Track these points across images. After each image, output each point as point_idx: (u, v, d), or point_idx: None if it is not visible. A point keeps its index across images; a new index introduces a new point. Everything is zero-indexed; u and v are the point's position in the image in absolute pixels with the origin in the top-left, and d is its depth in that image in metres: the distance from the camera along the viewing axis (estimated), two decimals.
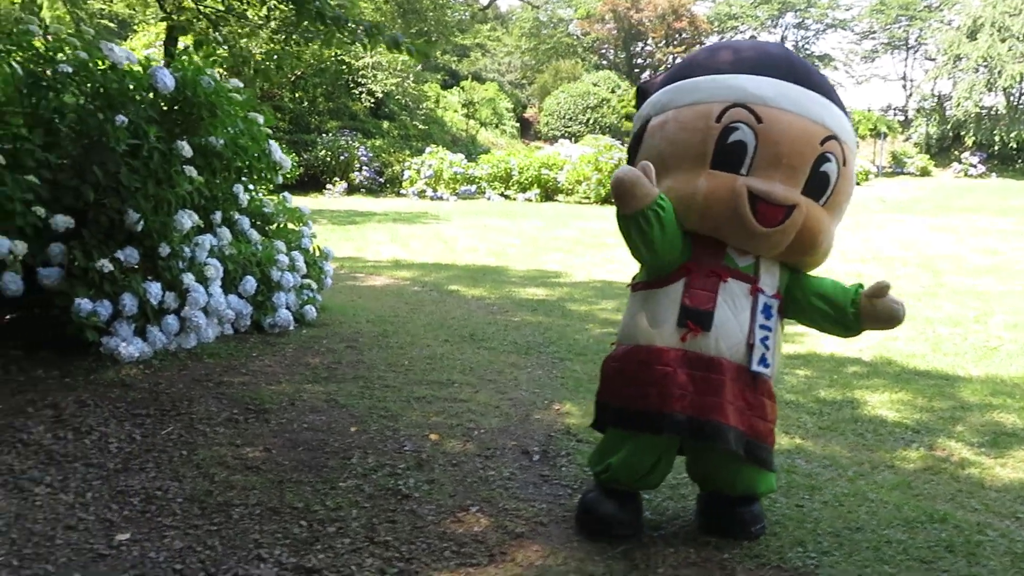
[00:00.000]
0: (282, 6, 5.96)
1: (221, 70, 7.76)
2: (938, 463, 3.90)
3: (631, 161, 3.11)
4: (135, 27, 24.50)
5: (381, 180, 23.96)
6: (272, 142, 6.04)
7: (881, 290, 2.81)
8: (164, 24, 21.68)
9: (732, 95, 2.77)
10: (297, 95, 25.21)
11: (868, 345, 6.27)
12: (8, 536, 2.81)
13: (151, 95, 5.23)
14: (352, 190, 23.26)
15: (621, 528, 2.97)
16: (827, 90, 2.90)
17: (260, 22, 7.63)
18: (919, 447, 4.10)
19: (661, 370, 2.78)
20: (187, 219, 5.11)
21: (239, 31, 7.89)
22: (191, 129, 5.42)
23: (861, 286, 2.91)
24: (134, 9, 24.24)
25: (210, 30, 7.58)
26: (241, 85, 5.82)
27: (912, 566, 2.84)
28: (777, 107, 2.73)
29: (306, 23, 5.52)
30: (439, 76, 37.73)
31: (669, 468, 3.03)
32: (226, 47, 7.26)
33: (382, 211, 18.28)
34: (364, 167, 23.65)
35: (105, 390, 4.32)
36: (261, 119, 5.90)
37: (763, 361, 2.85)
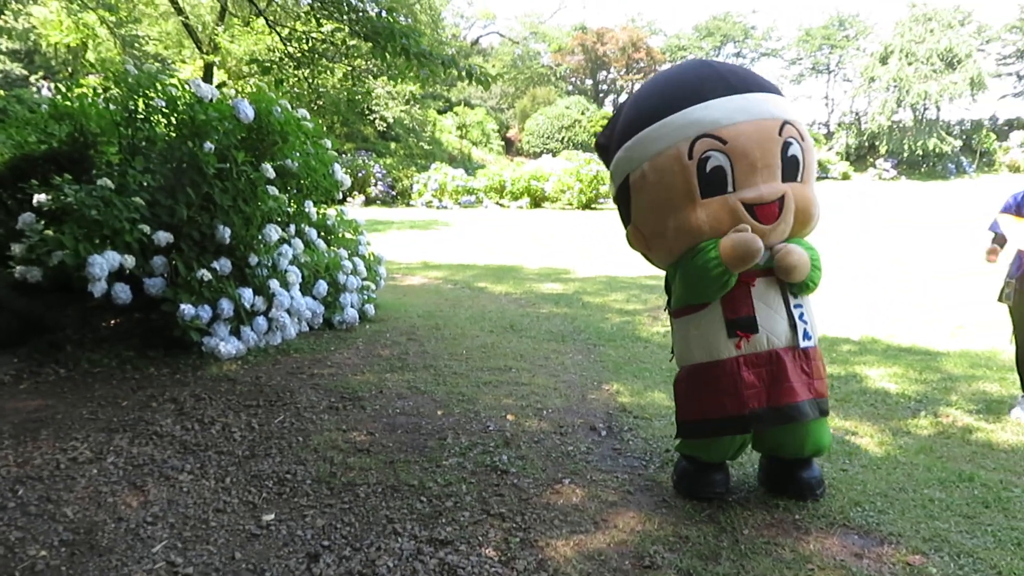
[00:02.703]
0: (362, 43, 5.76)
1: (293, 101, 7.60)
2: (947, 429, 3.83)
3: (626, 214, 2.97)
4: (172, 64, 24.10)
5: (393, 193, 23.73)
6: (335, 164, 5.89)
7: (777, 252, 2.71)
8: (200, 63, 21.43)
9: (691, 131, 2.65)
10: (319, 122, 24.90)
11: (852, 325, 6.21)
12: (167, 520, 2.67)
13: (231, 124, 5.06)
14: (369, 202, 23.02)
15: (716, 487, 2.91)
16: (761, 84, 2.79)
17: (339, 60, 7.44)
18: (926, 415, 4.03)
19: (729, 379, 2.71)
20: (274, 232, 4.97)
21: (317, 68, 7.70)
22: (266, 153, 5.26)
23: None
24: (168, 48, 23.92)
25: (292, 68, 7.39)
26: (308, 115, 5.67)
27: (959, 521, 2.77)
28: (732, 123, 2.63)
29: (387, 58, 5.31)
30: (437, 103, 37.47)
31: (748, 443, 2.95)
32: (305, 83, 7.11)
33: (399, 220, 18.05)
34: (379, 182, 23.42)
35: (214, 384, 4.17)
36: (329, 144, 5.76)
37: (806, 335, 2.79)
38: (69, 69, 24.06)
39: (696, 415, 2.83)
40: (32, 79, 29.79)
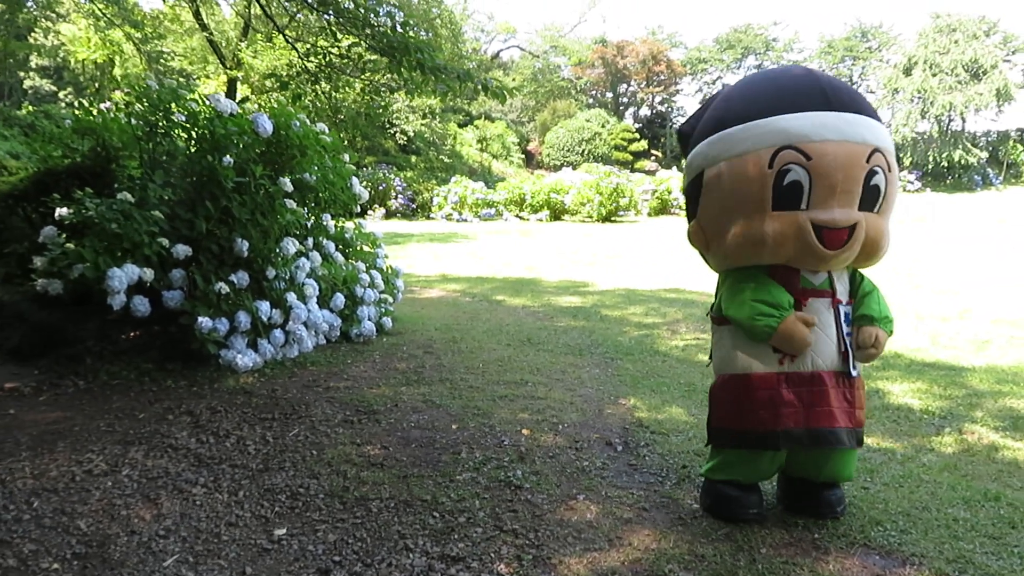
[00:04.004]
0: (381, 58, 5.81)
1: (311, 115, 7.71)
2: (972, 446, 3.74)
3: (693, 209, 2.89)
4: (196, 79, 24.48)
5: (413, 206, 23.86)
6: (354, 177, 5.92)
7: (865, 341, 2.71)
8: (224, 78, 21.72)
9: (778, 139, 2.55)
10: (341, 135, 25.15)
11: None
12: (179, 534, 2.67)
13: (250, 138, 5.10)
14: (389, 215, 23.16)
15: (752, 507, 2.82)
16: (861, 106, 2.66)
17: (357, 74, 7.51)
18: (950, 432, 3.94)
19: (768, 393, 2.66)
20: (292, 245, 5.00)
21: (337, 83, 7.78)
22: (285, 167, 5.30)
23: (872, 320, 2.74)
24: (193, 64, 24.29)
25: (310, 83, 7.46)
26: (327, 129, 5.71)
27: (984, 542, 2.70)
28: (821, 140, 2.52)
29: (403, 72, 5.35)
30: (458, 117, 37.69)
31: (783, 465, 2.88)
32: (324, 97, 7.21)
33: (418, 232, 18.12)
34: (399, 195, 23.56)
35: (230, 397, 4.18)
36: (347, 157, 5.79)
37: (856, 365, 2.73)
38: (96, 85, 24.51)
39: (730, 424, 2.78)
40: (61, 95, 30.39)
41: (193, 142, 5.06)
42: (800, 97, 2.61)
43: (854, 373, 2.69)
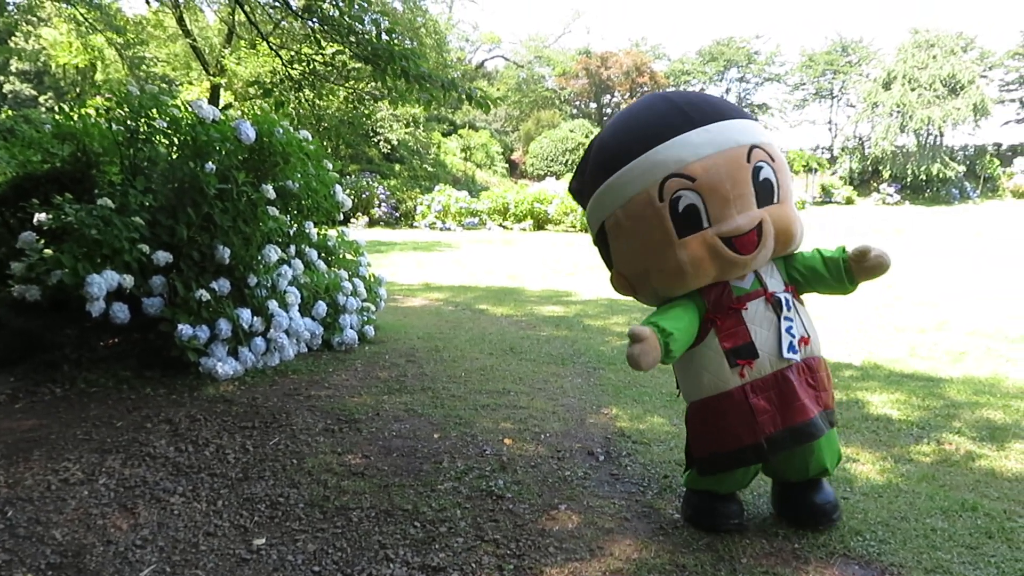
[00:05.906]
0: (364, 66, 5.80)
1: (293, 121, 7.71)
2: (949, 456, 3.77)
3: (607, 260, 2.95)
4: (179, 86, 24.32)
5: (397, 214, 23.83)
6: (337, 185, 5.90)
7: (863, 253, 2.69)
8: (207, 84, 21.61)
9: (659, 172, 2.58)
10: (324, 144, 25.10)
11: (855, 351, 6.17)
12: (156, 544, 2.64)
13: (232, 145, 5.07)
14: (372, 223, 23.11)
15: (733, 518, 2.84)
16: (722, 112, 2.70)
17: (341, 82, 7.50)
18: (928, 442, 3.98)
19: (739, 408, 2.65)
20: (274, 253, 4.97)
21: (321, 91, 7.76)
22: (267, 174, 5.27)
23: (843, 249, 2.76)
24: (176, 70, 24.16)
25: (294, 91, 7.42)
26: (310, 136, 5.69)
27: (962, 552, 2.72)
28: (697, 158, 2.56)
29: (388, 80, 5.33)
30: (442, 126, 37.70)
31: (759, 471, 2.91)
32: (307, 104, 7.20)
33: (401, 241, 18.10)
34: (383, 203, 23.52)
35: (210, 405, 4.14)
36: (330, 165, 5.77)
37: (791, 348, 2.70)
38: (77, 90, 24.32)
39: (712, 449, 2.76)
40: (41, 99, 30.13)
41: (175, 148, 5.03)
42: (664, 126, 2.65)
43: (787, 355, 2.66)
